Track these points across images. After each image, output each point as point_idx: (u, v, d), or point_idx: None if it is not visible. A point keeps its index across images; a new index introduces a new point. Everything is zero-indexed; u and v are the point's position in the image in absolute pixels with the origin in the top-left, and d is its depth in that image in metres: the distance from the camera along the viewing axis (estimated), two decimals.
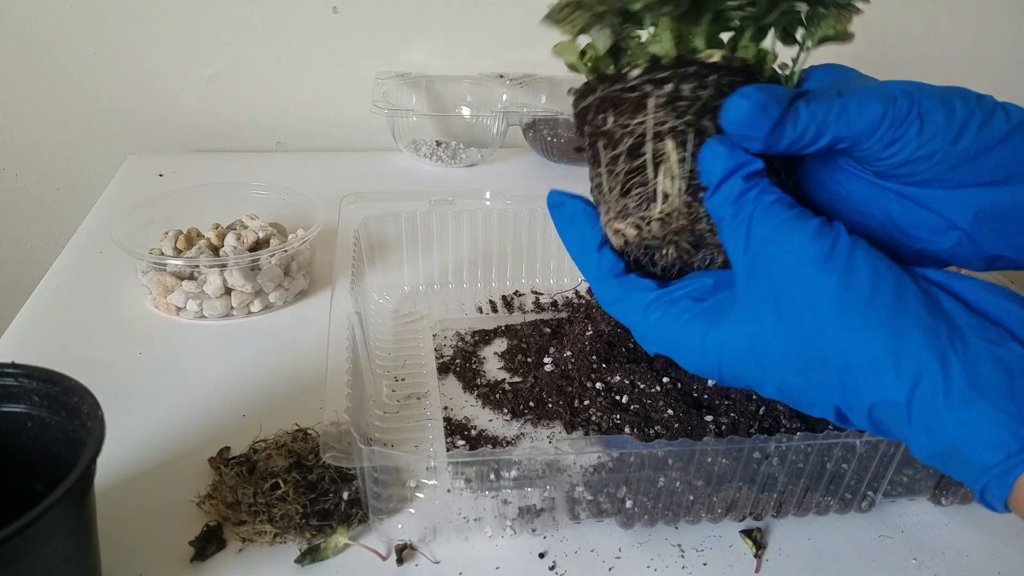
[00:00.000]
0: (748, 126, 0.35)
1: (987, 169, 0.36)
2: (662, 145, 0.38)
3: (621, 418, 0.60)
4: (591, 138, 0.41)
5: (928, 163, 0.36)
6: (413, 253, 0.79)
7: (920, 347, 0.31)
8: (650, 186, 0.38)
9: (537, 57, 1.19)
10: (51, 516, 0.37)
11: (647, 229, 0.38)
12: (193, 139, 1.18)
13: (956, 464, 0.31)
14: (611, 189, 0.39)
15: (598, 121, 0.40)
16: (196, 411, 0.63)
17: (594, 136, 0.41)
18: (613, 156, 0.39)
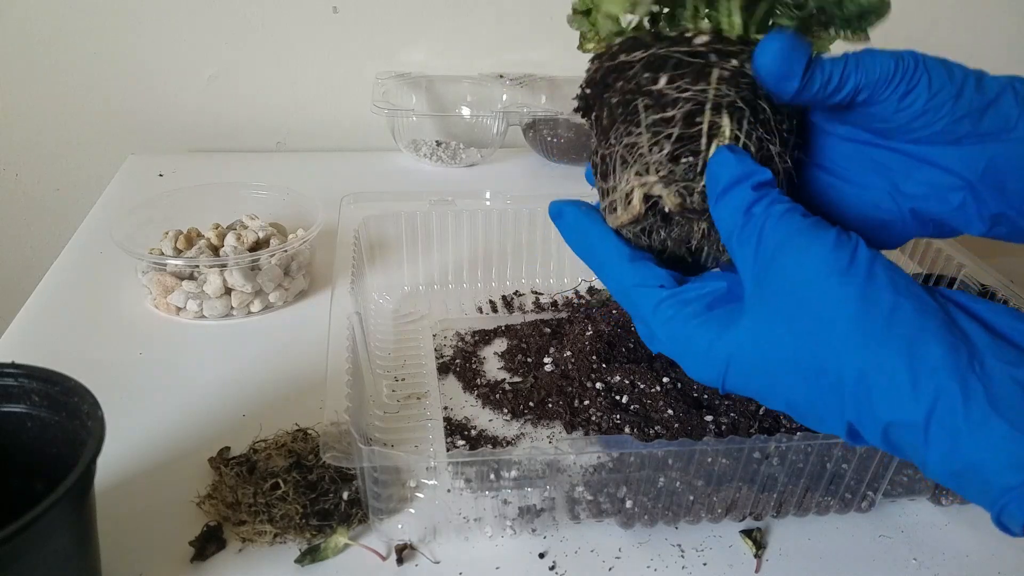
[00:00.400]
0: (785, 63, 0.36)
1: (987, 122, 0.37)
2: (718, 119, 0.37)
3: (621, 418, 0.60)
4: (627, 94, 0.40)
5: (937, 116, 0.37)
6: (413, 253, 0.79)
7: (940, 366, 0.31)
8: (701, 157, 0.37)
9: (537, 57, 1.19)
10: (51, 516, 0.37)
11: (691, 200, 0.38)
12: (193, 139, 1.18)
13: (974, 485, 0.31)
14: (653, 150, 0.38)
15: (643, 79, 0.39)
16: (196, 411, 0.63)
17: (632, 93, 0.39)
18: (662, 118, 0.38)
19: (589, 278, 0.82)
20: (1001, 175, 0.38)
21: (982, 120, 0.37)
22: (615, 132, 0.40)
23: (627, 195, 0.39)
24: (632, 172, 0.39)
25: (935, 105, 0.37)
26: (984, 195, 0.38)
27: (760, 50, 0.36)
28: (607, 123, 0.41)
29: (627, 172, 0.39)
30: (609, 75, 0.42)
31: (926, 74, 0.37)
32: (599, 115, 0.43)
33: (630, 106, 0.40)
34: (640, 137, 0.39)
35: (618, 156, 0.40)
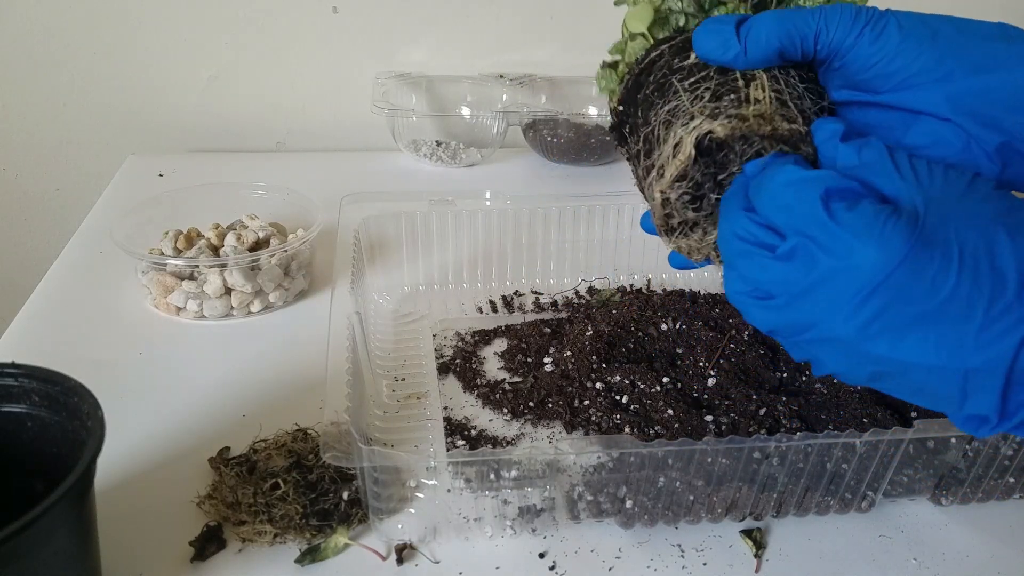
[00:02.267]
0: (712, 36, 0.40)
1: (973, 57, 0.38)
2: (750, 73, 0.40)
3: (621, 418, 0.60)
4: (661, 80, 0.42)
5: (916, 54, 0.38)
6: (413, 253, 0.79)
7: None
8: (741, 93, 0.39)
9: (537, 57, 1.19)
10: (51, 516, 0.37)
11: (742, 125, 0.39)
12: (193, 139, 1.18)
13: None
14: (694, 102, 0.40)
15: (674, 62, 0.42)
16: (196, 411, 0.63)
17: (665, 76, 0.42)
18: (699, 78, 0.41)
19: (589, 278, 0.82)
20: (990, 108, 0.38)
21: (967, 55, 0.38)
22: (654, 112, 0.42)
23: (675, 147, 0.40)
24: (677, 127, 0.40)
25: (910, 45, 0.38)
26: (976, 131, 0.39)
27: (695, 33, 0.40)
28: (644, 112, 0.43)
29: (671, 131, 0.40)
30: (639, 76, 0.44)
31: (894, 17, 0.38)
32: (635, 117, 0.44)
33: (665, 85, 0.42)
34: (679, 99, 0.41)
35: (660, 125, 0.41)
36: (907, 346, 0.33)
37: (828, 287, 0.34)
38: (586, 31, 1.16)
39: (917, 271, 0.32)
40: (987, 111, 0.38)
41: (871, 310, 0.33)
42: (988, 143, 0.39)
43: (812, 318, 0.35)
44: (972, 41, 0.38)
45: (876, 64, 0.39)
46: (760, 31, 0.39)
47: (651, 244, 0.83)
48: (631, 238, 0.82)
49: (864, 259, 0.33)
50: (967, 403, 0.34)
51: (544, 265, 0.82)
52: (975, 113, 0.38)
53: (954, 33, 0.38)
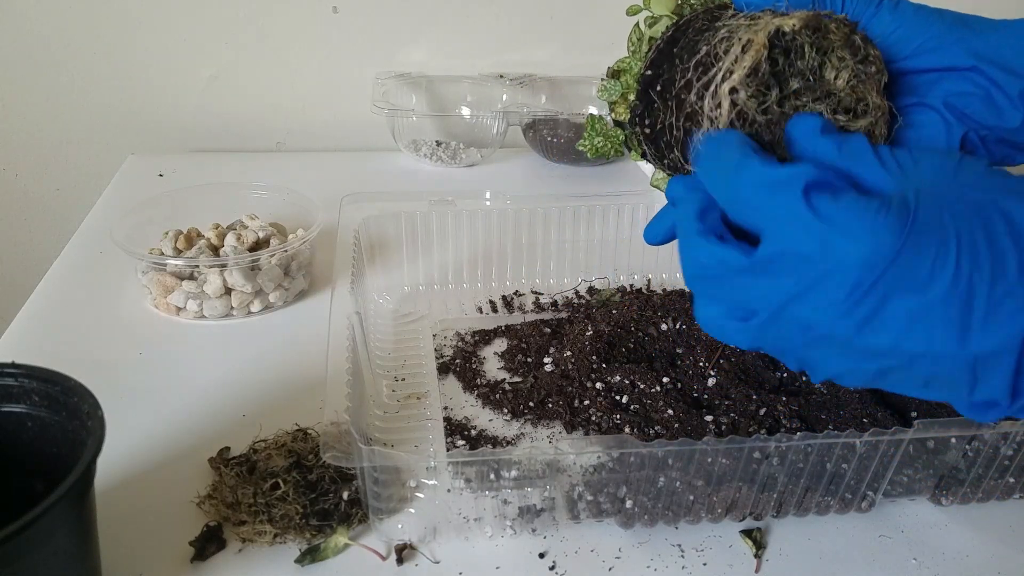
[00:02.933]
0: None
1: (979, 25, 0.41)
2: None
3: (621, 418, 0.60)
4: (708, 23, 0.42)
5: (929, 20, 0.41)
6: (413, 253, 0.79)
7: None
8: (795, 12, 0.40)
9: (537, 57, 1.19)
10: (51, 516, 0.37)
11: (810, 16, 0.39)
12: (193, 139, 1.18)
13: None
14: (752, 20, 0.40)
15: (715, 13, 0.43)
16: (196, 411, 0.63)
17: (712, 21, 0.42)
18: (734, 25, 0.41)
19: (589, 278, 0.82)
20: (1007, 58, 0.40)
21: (972, 24, 0.41)
22: (703, 42, 0.41)
23: (743, 47, 0.38)
24: (741, 33, 0.39)
25: (923, 16, 0.41)
26: (999, 77, 0.41)
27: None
28: (689, 51, 0.41)
29: (735, 37, 0.39)
30: (676, 34, 0.43)
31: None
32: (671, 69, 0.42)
33: (708, 29, 0.42)
34: (734, 23, 0.40)
35: (719, 43, 0.40)
36: (913, 337, 0.32)
37: (820, 290, 0.33)
38: (586, 31, 1.16)
39: (914, 261, 0.32)
40: (1005, 60, 0.40)
41: (869, 306, 0.32)
42: (1011, 88, 0.40)
43: (805, 324, 0.34)
44: (969, 16, 0.42)
45: (897, 30, 0.41)
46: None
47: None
48: (631, 238, 0.82)
49: (857, 255, 0.32)
50: (977, 389, 0.33)
51: (544, 265, 0.82)
52: (995, 61, 0.41)
53: (956, 13, 0.42)
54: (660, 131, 0.43)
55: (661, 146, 0.44)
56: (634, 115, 0.45)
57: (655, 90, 0.43)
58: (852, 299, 0.33)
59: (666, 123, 0.42)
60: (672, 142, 0.42)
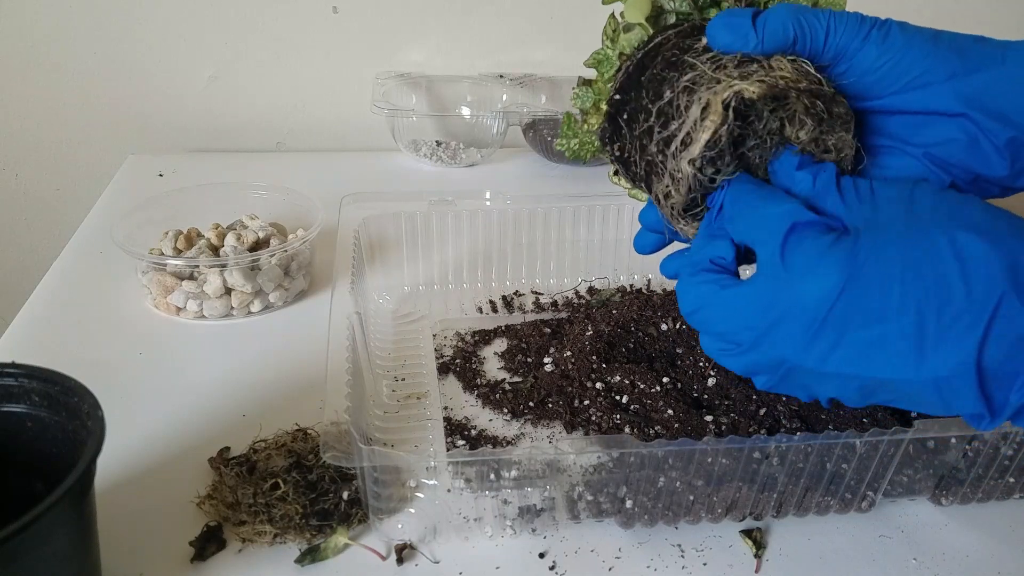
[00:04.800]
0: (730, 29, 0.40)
1: (973, 58, 0.39)
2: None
3: (621, 418, 0.60)
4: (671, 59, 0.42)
5: (921, 53, 0.39)
6: (413, 253, 0.79)
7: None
8: (764, 63, 0.39)
9: (537, 57, 1.19)
10: (51, 516, 0.37)
11: (778, 82, 0.38)
12: (193, 139, 1.18)
13: None
14: (718, 70, 0.39)
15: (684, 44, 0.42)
16: (196, 411, 0.63)
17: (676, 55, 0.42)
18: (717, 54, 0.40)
19: (589, 278, 0.82)
20: (999, 103, 0.39)
21: (968, 55, 0.39)
22: (668, 84, 0.41)
23: (703, 110, 0.39)
24: (702, 91, 0.39)
25: (915, 45, 0.39)
26: (989, 125, 0.39)
27: (709, 27, 0.40)
28: (654, 89, 0.42)
29: (695, 96, 0.39)
30: (645, 59, 0.43)
31: (896, 24, 0.40)
32: (639, 99, 0.42)
33: (678, 62, 0.41)
34: (699, 70, 0.40)
35: (680, 93, 0.40)
36: (875, 365, 0.34)
37: (784, 324, 0.35)
38: (586, 31, 1.16)
39: (863, 293, 0.33)
40: (996, 105, 0.39)
41: (827, 341, 0.34)
42: (999, 137, 0.39)
43: (778, 355, 0.36)
44: (968, 44, 0.39)
45: (883, 65, 0.40)
46: (777, 21, 0.40)
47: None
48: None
49: (806, 294, 0.34)
50: (953, 407, 0.34)
51: (544, 265, 0.82)
52: (985, 107, 0.39)
53: (952, 37, 0.39)
54: (626, 159, 0.45)
55: (629, 169, 0.45)
56: (603, 136, 0.47)
57: (622, 118, 0.44)
58: (809, 335, 0.34)
59: (631, 156, 0.44)
60: (638, 173, 0.44)
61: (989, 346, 0.32)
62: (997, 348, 0.32)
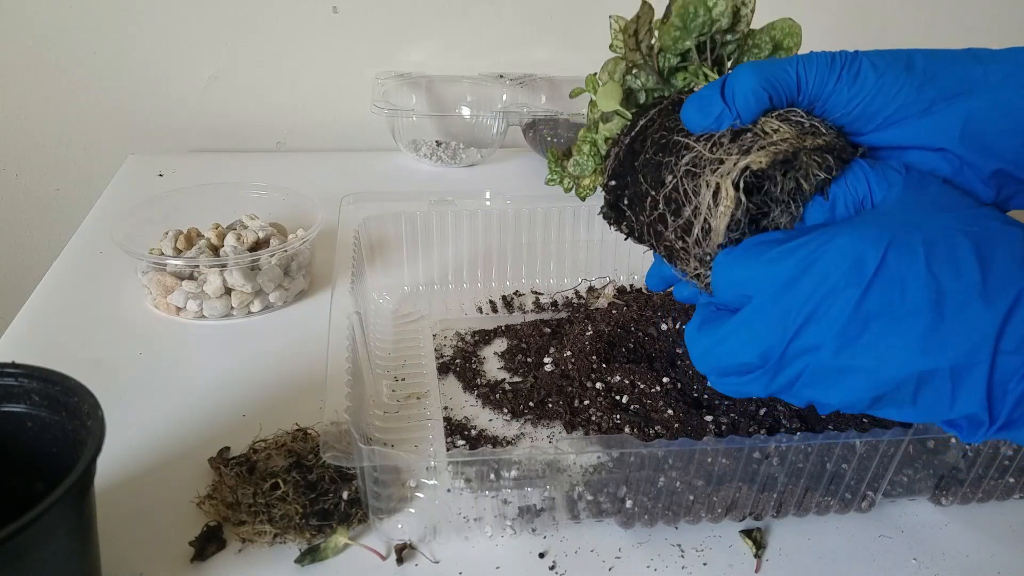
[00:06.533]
0: (700, 110, 0.40)
1: (950, 83, 0.38)
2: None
3: (621, 418, 0.60)
4: (661, 140, 0.42)
5: (895, 88, 0.38)
6: (413, 253, 0.79)
7: None
8: (758, 130, 0.39)
9: (537, 57, 1.19)
10: (51, 516, 0.37)
11: (782, 147, 0.38)
12: (193, 139, 1.18)
13: None
14: (714, 150, 0.39)
15: (668, 123, 0.42)
16: (196, 411, 0.63)
17: (665, 136, 0.42)
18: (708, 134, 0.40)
19: (589, 278, 0.82)
20: (981, 134, 0.38)
21: (944, 82, 0.38)
22: (667, 170, 0.41)
23: (714, 195, 0.38)
24: (707, 175, 0.39)
25: (888, 80, 0.38)
26: (972, 158, 0.39)
27: (683, 116, 0.41)
28: (651, 174, 0.42)
29: (700, 180, 0.39)
30: (634, 144, 0.44)
31: (866, 58, 0.39)
32: (637, 185, 0.43)
33: (669, 144, 0.41)
34: (695, 151, 0.39)
35: (683, 178, 0.40)
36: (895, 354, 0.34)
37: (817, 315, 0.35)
38: (586, 31, 1.16)
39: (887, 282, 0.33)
40: (977, 137, 0.38)
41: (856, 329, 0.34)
42: (983, 169, 0.39)
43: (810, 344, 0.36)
44: (946, 66, 0.38)
45: (857, 106, 0.39)
46: (745, 88, 0.39)
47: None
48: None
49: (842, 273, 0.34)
50: (956, 404, 0.34)
51: (544, 265, 0.82)
52: (965, 139, 0.38)
53: (927, 61, 0.38)
54: (639, 238, 0.45)
55: (644, 243, 0.45)
56: (607, 218, 0.47)
57: (623, 203, 0.45)
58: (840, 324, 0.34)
59: (644, 238, 0.44)
60: (654, 249, 0.44)
61: (1005, 339, 0.32)
62: (1012, 340, 0.32)
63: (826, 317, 0.34)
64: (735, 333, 0.37)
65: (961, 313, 0.33)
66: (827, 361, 0.35)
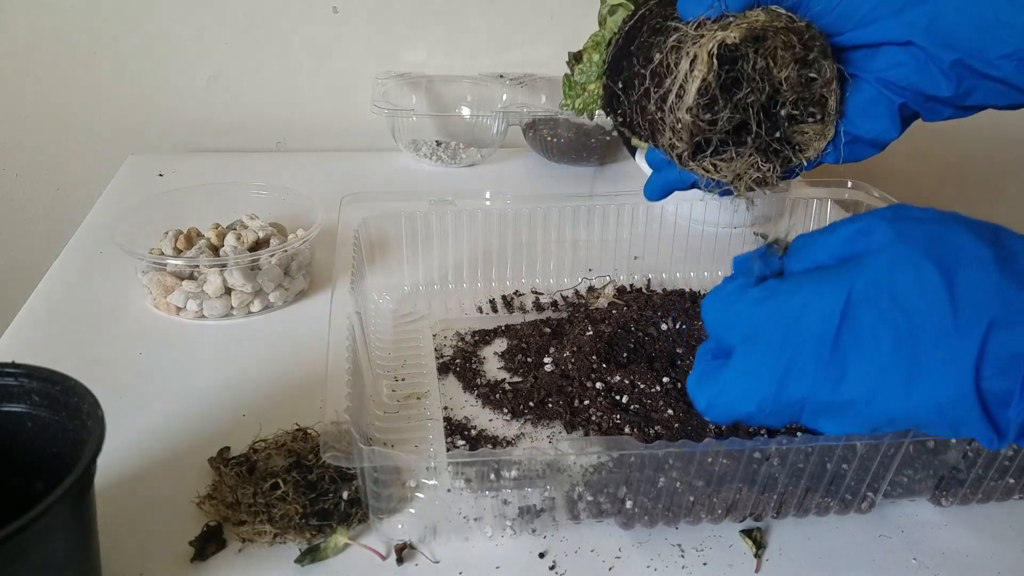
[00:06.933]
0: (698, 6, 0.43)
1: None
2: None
3: (621, 418, 0.60)
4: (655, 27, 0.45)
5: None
6: (413, 253, 0.79)
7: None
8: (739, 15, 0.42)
9: (537, 57, 1.19)
10: (51, 516, 0.37)
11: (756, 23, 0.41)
12: (193, 139, 1.18)
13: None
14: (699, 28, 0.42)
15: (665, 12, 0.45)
16: (196, 411, 0.63)
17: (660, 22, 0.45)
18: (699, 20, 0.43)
19: (589, 277, 0.82)
20: (943, 28, 0.41)
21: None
22: (657, 48, 0.44)
23: (691, 63, 0.41)
24: (688, 46, 0.42)
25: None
26: (934, 51, 0.42)
27: (679, 2, 0.44)
28: (644, 54, 0.45)
29: (682, 53, 0.42)
30: (630, 32, 0.46)
31: None
32: (631, 67, 0.46)
33: (662, 28, 0.44)
34: (682, 31, 0.43)
35: (668, 52, 0.43)
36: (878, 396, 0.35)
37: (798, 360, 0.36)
38: (586, 31, 1.16)
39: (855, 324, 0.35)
40: (940, 32, 0.41)
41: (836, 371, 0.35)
42: (943, 60, 0.42)
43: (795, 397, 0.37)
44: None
45: (836, 7, 0.43)
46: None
47: (651, 244, 0.83)
48: (631, 238, 0.82)
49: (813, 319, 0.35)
50: (960, 431, 0.35)
51: (544, 265, 0.82)
52: (930, 35, 0.42)
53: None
54: (630, 123, 0.48)
55: (634, 131, 0.48)
56: (605, 105, 0.50)
57: (618, 87, 0.48)
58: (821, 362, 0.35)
59: (634, 120, 0.47)
60: (642, 133, 0.47)
61: (985, 367, 0.33)
62: (993, 367, 0.33)
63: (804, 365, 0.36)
64: (731, 385, 0.38)
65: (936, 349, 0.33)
66: (824, 400, 0.36)
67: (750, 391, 0.38)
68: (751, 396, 0.38)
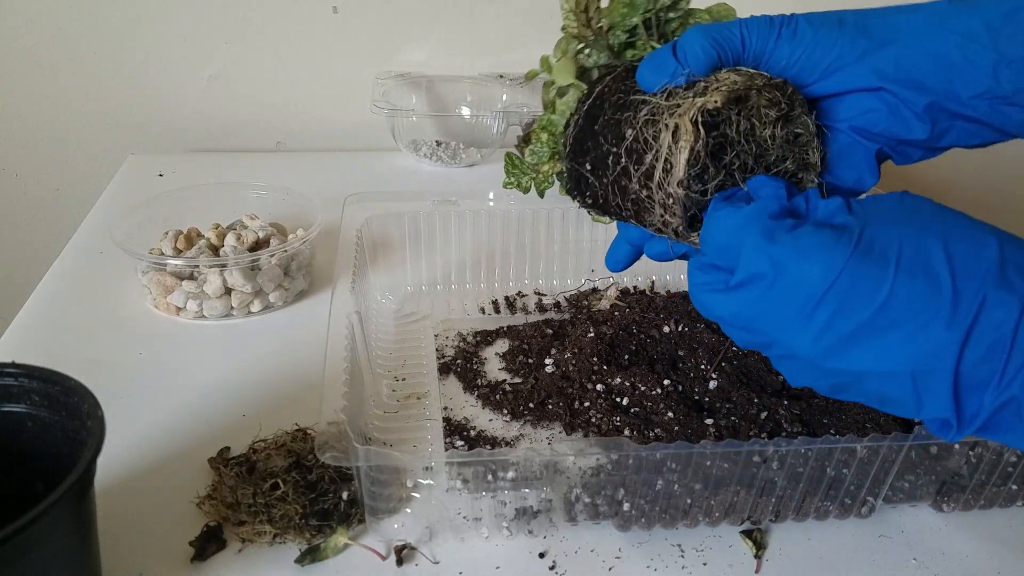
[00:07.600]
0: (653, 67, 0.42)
1: (878, 32, 0.41)
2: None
3: (621, 420, 0.60)
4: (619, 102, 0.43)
5: (830, 40, 0.41)
6: (416, 253, 0.79)
7: None
8: (709, 79, 0.41)
9: (537, 57, 1.19)
10: (51, 516, 0.37)
11: (735, 86, 0.40)
12: (193, 139, 1.18)
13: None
14: (671, 97, 0.41)
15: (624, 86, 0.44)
16: (196, 411, 0.63)
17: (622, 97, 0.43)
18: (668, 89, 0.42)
19: (592, 279, 0.82)
20: (914, 72, 0.41)
21: (875, 32, 0.41)
22: (628, 125, 0.42)
23: (674, 134, 0.40)
24: (665, 119, 0.40)
25: (824, 35, 0.41)
26: (906, 95, 0.41)
27: (638, 75, 0.43)
28: (613, 131, 0.43)
29: (659, 126, 0.41)
30: (592, 110, 0.45)
31: (802, 17, 0.42)
32: (599, 147, 0.44)
33: (627, 103, 0.43)
34: (652, 103, 0.41)
35: (642, 127, 0.41)
36: (857, 354, 0.35)
37: (779, 307, 0.36)
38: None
39: (856, 281, 0.34)
40: (909, 75, 0.41)
41: (819, 322, 0.35)
42: (916, 104, 0.41)
43: (768, 338, 0.37)
44: (874, 20, 0.42)
45: (799, 59, 0.42)
46: (695, 46, 0.41)
47: None
48: None
49: (808, 273, 0.35)
50: (923, 407, 0.35)
51: (547, 266, 0.82)
52: (899, 79, 0.41)
53: (856, 16, 0.42)
54: (604, 204, 0.46)
55: (608, 211, 0.46)
56: (571, 188, 0.48)
57: (585, 169, 0.45)
58: (804, 314, 0.35)
59: (610, 201, 0.45)
60: (622, 213, 0.45)
61: (969, 347, 0.33)
62: (976, 350, 0.33)
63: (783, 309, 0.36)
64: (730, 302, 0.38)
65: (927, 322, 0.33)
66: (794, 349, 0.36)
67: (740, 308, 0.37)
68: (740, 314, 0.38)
